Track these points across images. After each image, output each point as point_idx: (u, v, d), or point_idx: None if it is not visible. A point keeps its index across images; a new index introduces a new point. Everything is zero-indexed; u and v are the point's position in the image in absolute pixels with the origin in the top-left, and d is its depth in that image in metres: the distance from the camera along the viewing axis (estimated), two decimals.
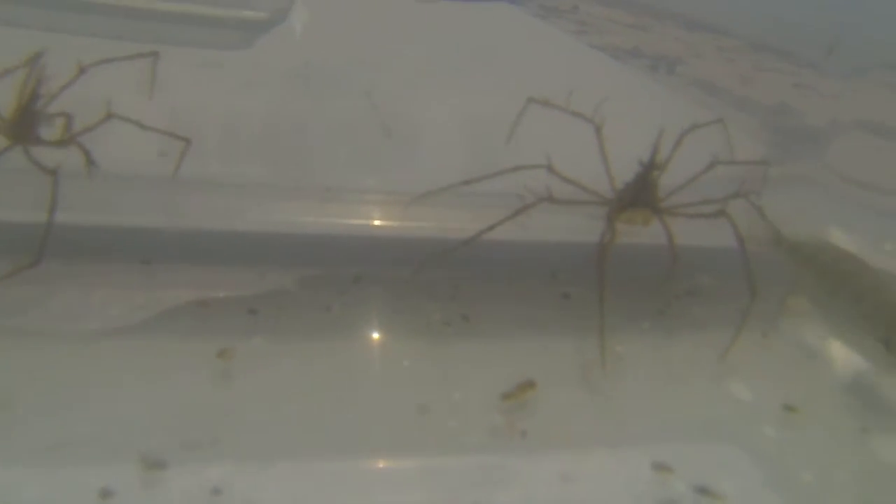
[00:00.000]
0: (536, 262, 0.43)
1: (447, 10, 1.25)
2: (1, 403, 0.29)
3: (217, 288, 0.38)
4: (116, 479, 0.26)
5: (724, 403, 0.36)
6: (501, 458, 0.30)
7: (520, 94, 0.76)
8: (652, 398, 0.35)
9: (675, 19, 1.39)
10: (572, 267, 0.43)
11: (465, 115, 0.58)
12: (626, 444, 0.31)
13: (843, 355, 0.41)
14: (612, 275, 0.42)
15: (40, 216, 0.35)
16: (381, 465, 0.30)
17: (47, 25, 0.63)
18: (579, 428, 0.32)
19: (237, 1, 0.94)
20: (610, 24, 1.46)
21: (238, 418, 0.31)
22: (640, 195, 0.40)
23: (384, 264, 0.41)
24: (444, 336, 0.37)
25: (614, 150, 0.48)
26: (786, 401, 0.37)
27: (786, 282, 0.45)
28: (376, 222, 0.43)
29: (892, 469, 0.33)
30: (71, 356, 0.33)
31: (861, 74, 0.69)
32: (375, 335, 0.37)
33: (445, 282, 0.40)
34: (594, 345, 0.36)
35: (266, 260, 0.40)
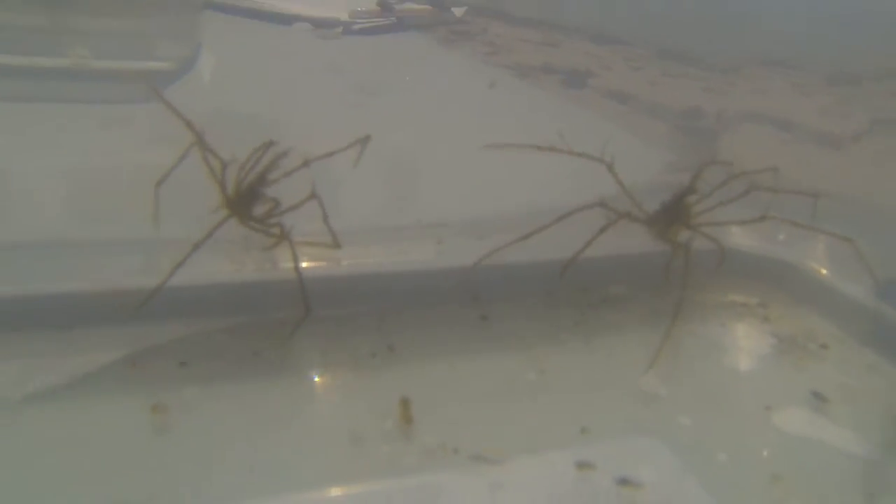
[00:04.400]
0: (457, 288, 0.45)
1: (352, 45, 1.28)
2: None
3: (144, 345, 0.39)
4: None
5: (641, 401, 0.38)
6: (436, 475, 0.32)
7: (430, 126, 0.80)
8: (573, 403, 0.38)
9: (582, 34, 1.45)
10: (491, 289, 0.46)
11: (379, 152, 0.59)
12: (550, 448, 0.34)
13: (744, 348, 0.45)
14: (530, 293, 0.45)
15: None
16: (321, 495, 0.31)
17: None
18: (506, 440, 0.34)
19: (140, 53, 0.95)
20: (520, 43, 1.51)
21: (176, 470, 0.32)
22: (677, 214, 0.46)
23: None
24: (371, 368, 0.39)
25: (540, 166, 0.52)
26: (698, 392, 0.40)
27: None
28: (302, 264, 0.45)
29: (794, 439, 0.36)
30: None
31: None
32: (306, 374, 0.39)
33: (370, 315, 0.43)
34: (515, 360, 0.40)
35: (191, 312, 0.41)
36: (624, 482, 0.31)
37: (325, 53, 1.21)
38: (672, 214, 0.46)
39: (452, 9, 1.53)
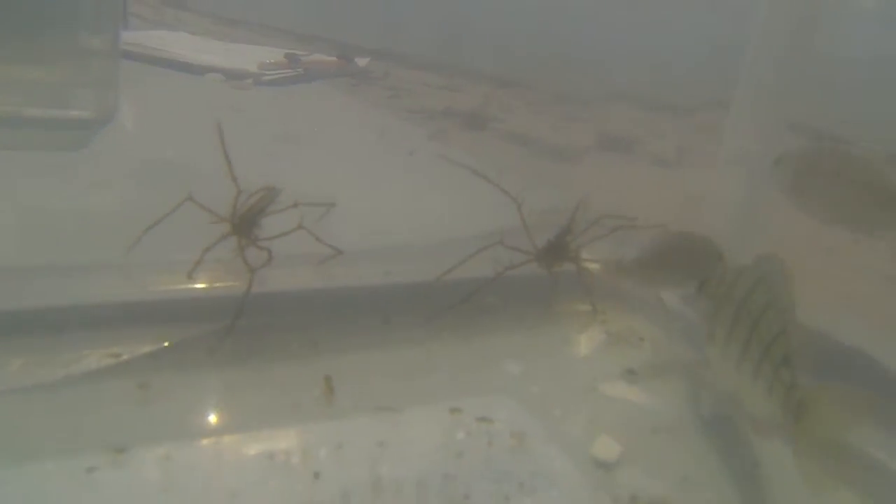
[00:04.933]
0: (367, 300, 0.61)
1: (264, 95, 1.43)
2: None
3: (123, 344, 0.52)
4: (95, 460, 0.40)
5: (503, 376, 0.55)
6: (352, 421, 0.47)
7: (343, 168, 0.95)
8: (452, 377, 0.54)
9: (484, 79, 1.62)
10: (392, 301, 0.61)
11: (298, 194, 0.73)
12: (433, 402, 0.50)
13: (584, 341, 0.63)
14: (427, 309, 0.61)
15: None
16: (271, 433, 0.46)
17: None
18: (402, 398, 0.49)
19: (62, 101, 1.06)
20: (421, 87, 1.67)
21: (165, 421, 0.46)
22: (559, 250, 0.62)
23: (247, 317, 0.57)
24: (301, 357, 0.54)
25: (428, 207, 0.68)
26: (546, 371, 0.57)
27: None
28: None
29: (610, 399, 0.53)
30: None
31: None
32: (251, 362, 0.53)
33: (298, 321, 0.57)
34: (410, 352, 0.56)
35: (160, 320, 0.55)
36: (482, 419, 0.47)
37: (239, 103, 1.35)
38: (555, 251, 0.62)
39: (356, 59, 1.70)
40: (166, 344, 0.53)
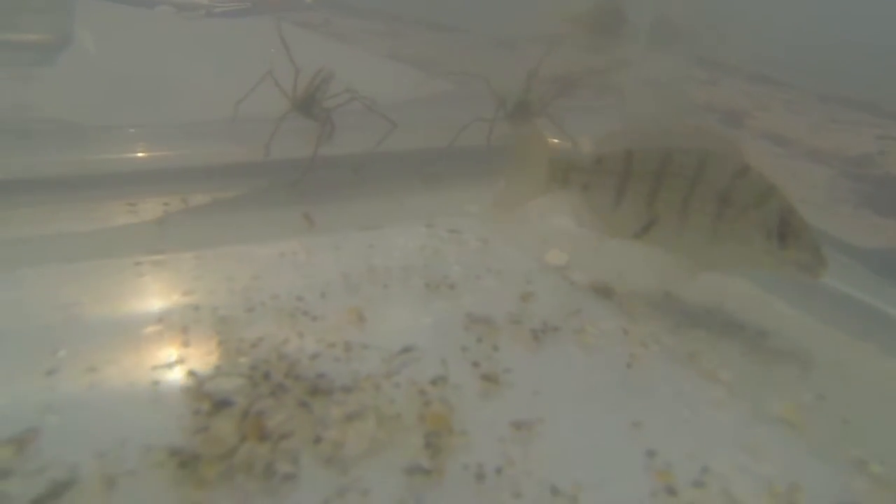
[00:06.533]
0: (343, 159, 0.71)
1: (215, 26, 1.49)
2: None
3: (136, 197, 0.62)
4: (139, 258, 0.50)
5: (464, 214, 0.65)
6: (335, 237, 0.57)
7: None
8: (420, 210, 0.64)
9: (425, 25, 1.68)
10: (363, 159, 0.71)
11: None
12: (407, 223, 0.61)
13: None
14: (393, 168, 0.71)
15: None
16: (273, 244, 0.56)
17: None
18: (382, 221, 0.60)
19: (9, 26, 1.14)
20: (363, 34, 1.72)
21: (188, 239, 0.55)
22: (523, 108, 0.74)
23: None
24: (288, 203, 0.63)
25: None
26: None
27: None
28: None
29: (557, 226, 0.65)
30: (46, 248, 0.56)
31: None
32: (259, 209, 0.63)
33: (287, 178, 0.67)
34: (381, 200, 0.66)
35: (168, 179, 0.64)
36: (452, 231, 0.59)
37: (192, 32, 1.42)
38: (522, 109, 0.74)
39: None
40: (175, 197, 0.62)
